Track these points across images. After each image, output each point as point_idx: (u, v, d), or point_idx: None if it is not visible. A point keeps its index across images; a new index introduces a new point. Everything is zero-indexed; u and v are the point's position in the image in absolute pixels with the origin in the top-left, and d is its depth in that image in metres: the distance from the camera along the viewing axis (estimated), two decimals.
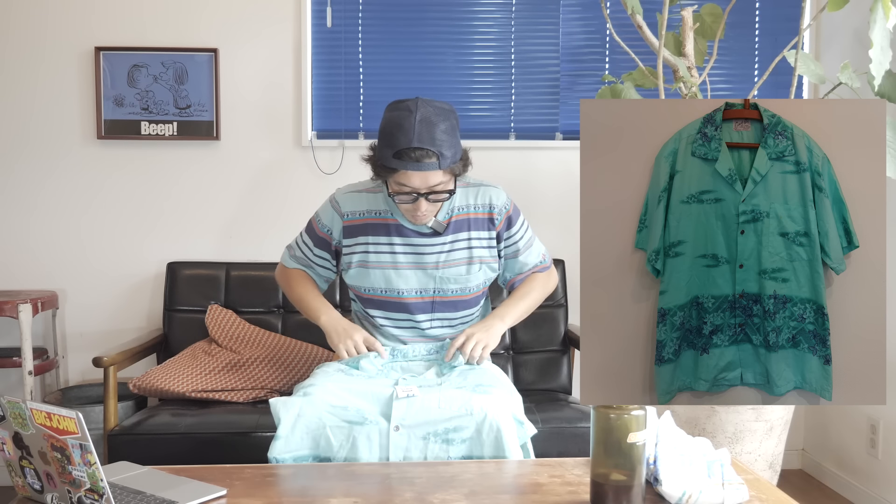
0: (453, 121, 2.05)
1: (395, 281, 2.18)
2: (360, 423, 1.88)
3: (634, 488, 1.47)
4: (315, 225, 2.27)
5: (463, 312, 2.25)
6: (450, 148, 2.00)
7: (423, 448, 1.87)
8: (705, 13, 2.82)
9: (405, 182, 1.99)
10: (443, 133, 1.98)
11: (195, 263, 3.23)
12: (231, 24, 3.29)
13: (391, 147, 1.98)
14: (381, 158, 2.02)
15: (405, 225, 2.16)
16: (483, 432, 1.87)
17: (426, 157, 1.95)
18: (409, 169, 1.96)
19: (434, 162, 1.96)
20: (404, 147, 1.95)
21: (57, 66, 3.25)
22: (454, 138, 2.03)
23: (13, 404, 1.43)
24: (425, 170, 1.97)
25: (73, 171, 3.28)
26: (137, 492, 1.53)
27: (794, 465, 3.55)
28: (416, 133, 1.94)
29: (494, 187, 2.22)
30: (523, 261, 2.27)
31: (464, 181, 2.20)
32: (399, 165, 1.97)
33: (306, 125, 3.32)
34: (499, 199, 2.20)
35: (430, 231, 2.16)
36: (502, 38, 3.40)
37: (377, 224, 2.17)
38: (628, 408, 1.46)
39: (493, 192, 2.20)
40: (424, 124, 1.96)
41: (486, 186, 2.21)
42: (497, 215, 2.19)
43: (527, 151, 3.41)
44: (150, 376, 2.86)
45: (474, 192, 2.19)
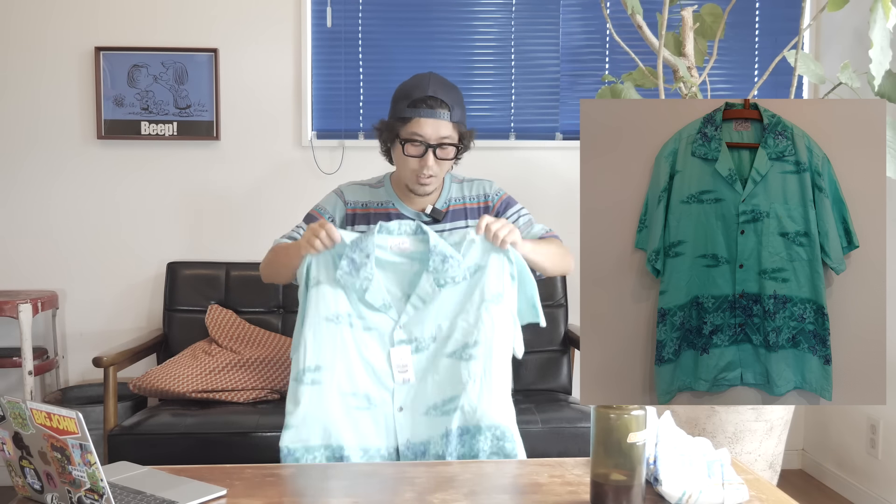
0: (462, 95, 2.19)
1: None
2: (367, 409, 1.94)
3: (634, 488, 1.47)
4: (315, 213, 2.26)
5: None
6: (460, 107, 2.14)
7: (426, 423, 1.94)
8: (705, 13, 2.82)
9: (417, 130, 2.08)
10: (455, 94, 2.14)
11: (195, 263, 3.23)
12: (231, 24, 3.29)
13: (407, 98, 2.11)
14: (395, 113, 2.13)
15: (405, 214, 2.19)
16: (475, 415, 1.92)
17: (439, 106, 2.09)
18: (422, 116, 2.08)
19: (446, 112, 2.09)
20: (420, 96, 2.09)
21: (57, 66, 3.25)
22: (463, 107, 2.16)
23: (13, 404, 1.43)
24: (438, 118, 2.09)
25: (73, 171, 3.28)
26: (137, 492, 1.53)
27: (794, 465, 3.55)
28: (431, 86, 2.11)
29: (487, 180, 2.30)
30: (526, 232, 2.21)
31: (458, 178, 2.28)
32: (413, 113, 2.09)
33: (306, 125, 3.32)
34: (491, 188, 2.28)
35: (428, 219, 2.19)
36: (502, 38, 3.40)
37: (378, 213, 2.22)
38: (628, 408, 1.46)
39: (486, 184, 2.29)
40: (440, 82, 2.13)
41: (479, 180, 2.29)
42: (491, 202, 2.26)
43: (527, 151, 3.41)
44: (150, 376, 2.86)
45: (468, 186, 2.27)
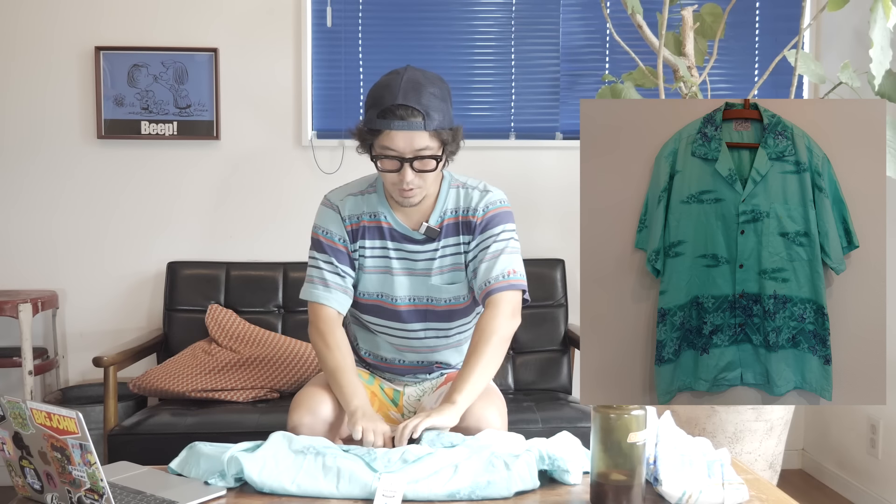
0: (444, 87, 1.92)
1: (390, 286, 2.06)
2: None
3: (634, 488, 1.47)
4: (323, 239, 2.06)
5: (458, 322, 2.11)
6: (438, 111, 1.87)
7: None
8: (705, 13, 2.82)
9: (389, 144, 1.86)
10: (431, 95, 1.87)
11: (195, 263, 3.23)
12: (231, 24, 3.29)
13: (377, 107, 1.86)
14: (366, 122, 1.90)
15: (397, 229, 2.04)
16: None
17: (411, 115, 1.83)
18: (393, 128, 1.84)
19: (419, 121, 1.84)
20: (389, 105, 1.84)
21: (57, 66, 3.25)
22: (444, 104, 1.90)
23: (13, 404, 1.43)
24: (410, 129, 1.84)
25: (73, 171, 3.28)
26: (137, 492, 1.53)
27: (794, 465, 3.55)
28: (401, 91, 1.84)
29: (483, 189, 2.05)
30: (485, 268, 1.98)
31: (457, 182, 2.07)
32: (383, 125, 1.85)
33: (306, 125, 3.32)
34: (482, 200, 2.03)
35: (422, 238, 2.03)
36: (502, 38, 3.40)
37: (371, 227, 2.05)
38: (628, 408, 1.46)
39: (477, 195, 2.04)
40: (412, 84, 1.86)
41: (475, 188, 2.05)
42: (475, 216, 2.02)
43: (527, 151, 3.41)
44: (149, 376, 2.86)
45: (465, 194, 2.04)
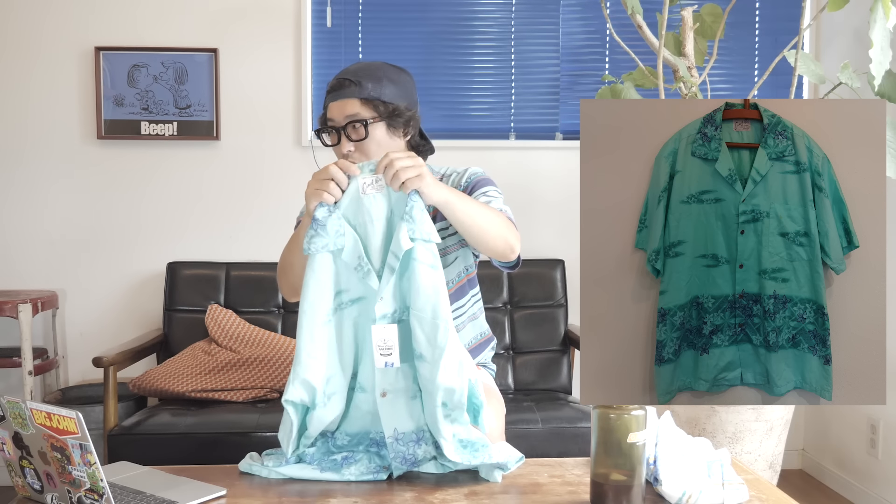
0: (400, 74, 1.92)
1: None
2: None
3: (634, 488, 1.47)
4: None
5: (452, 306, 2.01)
6: (376, 84, 1.86)
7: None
8: (705, 13, 2.82)
9: (329, 116, 1.88)
10: (373, 72, 1.88)
11: (195, 263, 3.23)
12: (231, 24, 3.29)
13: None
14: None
15: None
16: None
17: (345, 85, 1.86)
18: (331, 101, 1.87)
19: (353, 89, 1.85)
20: (331, 82, 1.88)
21: (57, 65, 3.25)
22: (393, 84, 1.88)
23: (13, 404, 1.43)
24: (344, 97, 1.86)
25: (73, 171, 3.28)
26: (137, 492, 1.53)
27: (794, 465, 3.55)
28: (347, 70, 1.89)
29: (463, 168, 1.99)
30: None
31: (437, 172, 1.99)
32: (326, 101, 1.89)
33: (306, 125, 3.32)
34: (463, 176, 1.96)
35: None
36: (502, 38, 3.40)
37: None
38: (628, 408, 1.46)
39: (468, 171, 1.97)
40: (362, 65, 1.90)
41: (460, 172, 1.98)
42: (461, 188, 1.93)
43: (527, 151, 3.41)
44: (149, 376, 2.86)
45: (448, 179, 1.97)
